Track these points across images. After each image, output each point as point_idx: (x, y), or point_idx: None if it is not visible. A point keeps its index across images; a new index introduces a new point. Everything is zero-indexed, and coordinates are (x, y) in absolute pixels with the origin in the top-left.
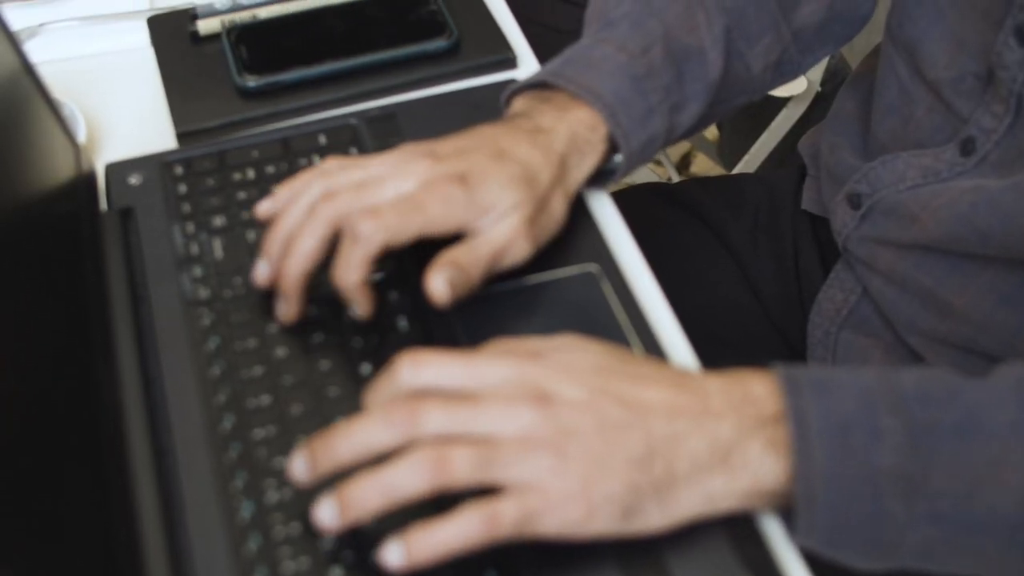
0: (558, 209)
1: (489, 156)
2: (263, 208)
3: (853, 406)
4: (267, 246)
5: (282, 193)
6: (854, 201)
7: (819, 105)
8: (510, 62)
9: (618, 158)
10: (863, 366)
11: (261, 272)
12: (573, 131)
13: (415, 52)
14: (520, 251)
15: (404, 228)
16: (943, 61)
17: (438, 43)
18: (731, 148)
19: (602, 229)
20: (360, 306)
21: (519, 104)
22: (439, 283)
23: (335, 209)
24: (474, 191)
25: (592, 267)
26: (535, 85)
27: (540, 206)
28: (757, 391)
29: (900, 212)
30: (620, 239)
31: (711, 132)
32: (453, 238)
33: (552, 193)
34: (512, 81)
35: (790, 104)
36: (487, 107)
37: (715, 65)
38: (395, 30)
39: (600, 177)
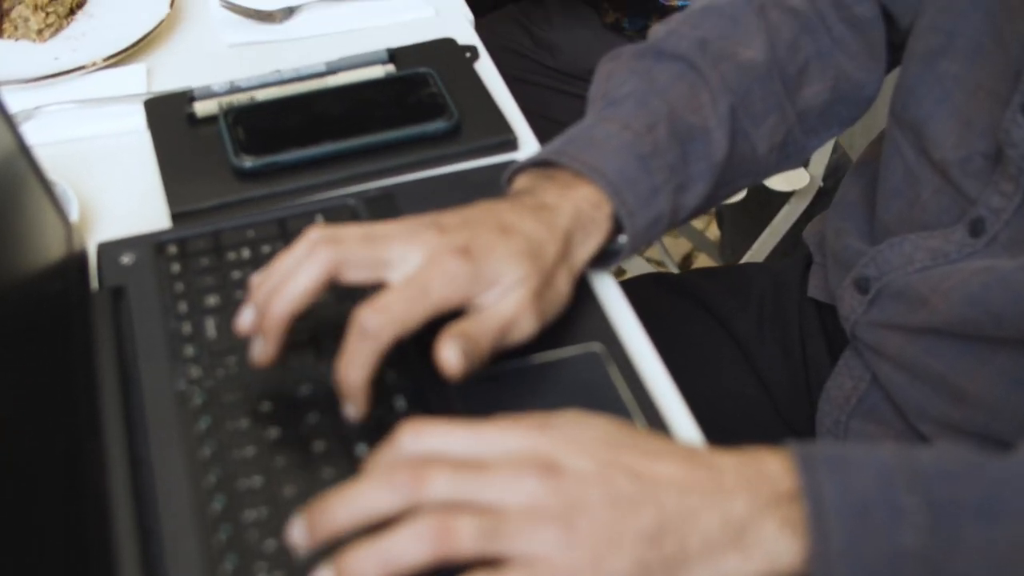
0: (563, 286)
1: (493, 229)
2: (257, 278)
3: (871, 483)
4: (255, 290)
5: (274, 263)
6: (862, 285)
7: (821, 200)
8: (511, 144)
9: (622, 238)
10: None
11: (245, 318)
12: (578, 208)
13: (415, 134)
14: (527, 326)
15: (412, 316)
16: (950, 141)
17: (438, 124)
18: (733, 247)
19: (606, 309)
20: (358, 407)
21: (522, 182)
22: (452, 353)
23: (337, 254)
24: (479, 264)
25: (596, 346)
26: (538, 163)
27: (546, 281)
28: (771, 468)
29: (909, 295)
30: (624, 319)
31: (712, 232)
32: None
33: (557, 269)
34: (513, 162)
35: (792, 199)
36: (488, 189)
37: (720, 145)
38: (395, 112)
39: (604, 258)
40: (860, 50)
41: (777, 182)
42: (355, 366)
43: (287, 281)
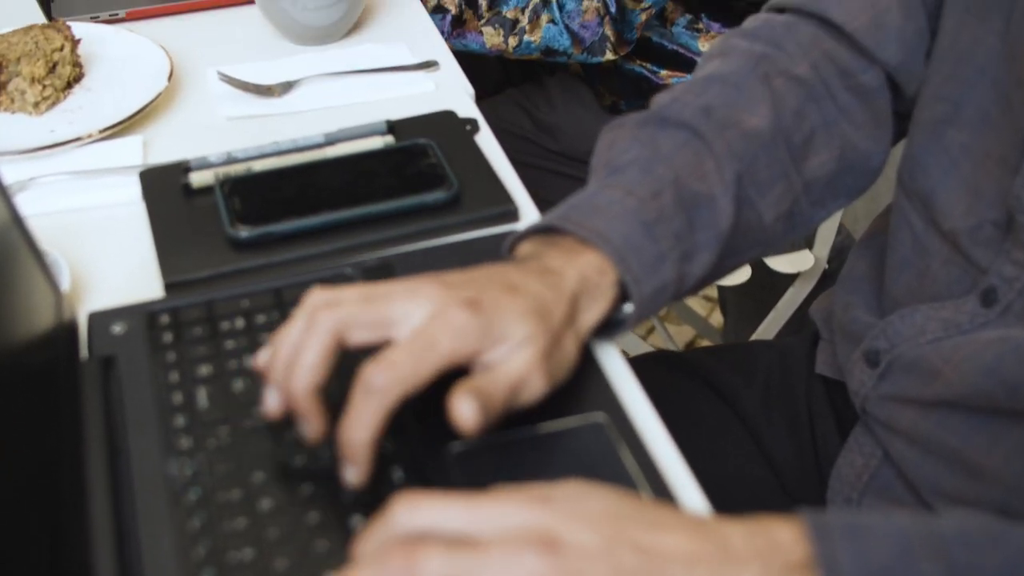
0: (571, 349)
1: (500, 287)
2: (262, 358)
3: (889, 551)
4: (271, 370)
5: (275, 336)
6: (872, 359)
7: (826, 283)
8: (512, 215)
9: (628, 307)
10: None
11: (271, 402)
12: (583, 274)
13: (414, 204)
14: (537, 386)
15: (420, 372)
16: (959, 210)
17: (437, 195)
18: (737, 332)
19: (609, 378)
20: (360, 470)
21: (525, 249)
22: (468, 408)
23: (339, 317)
24: (487, 317)
25: (600, 416)
26: (541, 230)
27: (554, 341)
28: (783, 537)
29: (921, 367)
30: (628, 389)
31: (716, 318)
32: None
33: (565, 332)
34: (515, 231)
35: (797, 282)
36: (488, 259)
37: (726, 213)
38: (394, 182)
39: (608, 328)
40: (866, 119)
41: (781, 264)
42: (360, 425)
43: (297, 355)
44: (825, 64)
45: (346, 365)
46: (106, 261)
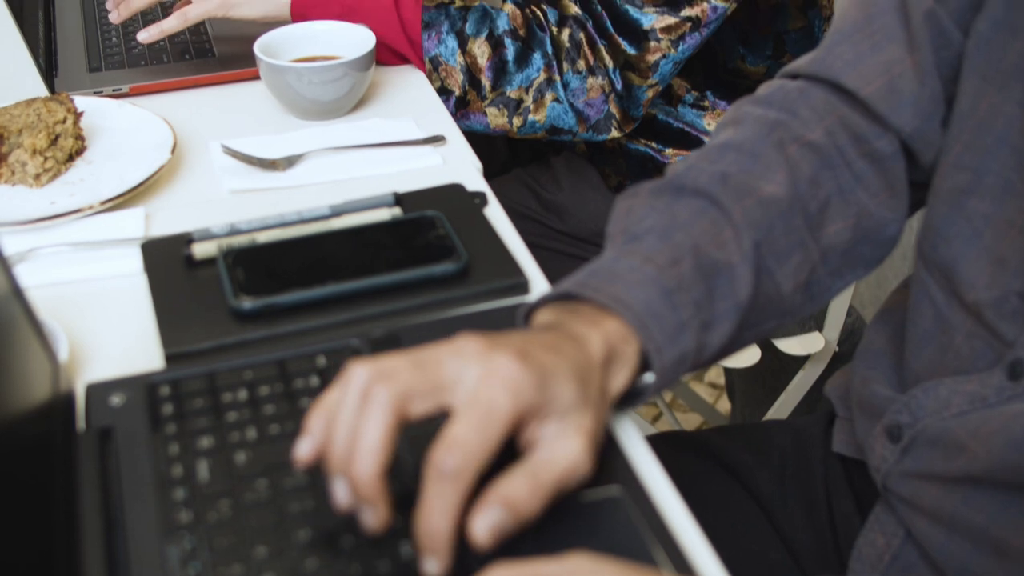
0: (605, 420)
1: (541, 346)
2: (304, 450)
3: None
4: (331, 458)
5: (317, 419)
6: (894, 433)
7: (837, 365)
8: (522, 287)
9: (648, 377)
10: None
11: (340, 494)
12: (609, 341)
13: (422, 275)
14: (583, 473)
15: (488, 444)
16: (982, 282)
17: (446, 266)
18: (745, 418)
19: (624, 449)
20: (441, 561)
21: (544, 317)
22: (483, 531)
23: (397, 391)
24: (539, 370)
25: (616, 490)
26: (558, 298)
27: (598, 418)
28: None
29: (946, 441)
30: (643, 462)
31: (723, 405)
32: None
33: (603, 404)
34: (527, 302)
35: (808, 364)
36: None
37: (745, 282)
38: (401, 253)
39: (628, 398)
40: (881, 187)
41: (791, 346)
42: (439, 514)
43: (359, 438)
44: (839, 130)
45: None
46: (106, 333)
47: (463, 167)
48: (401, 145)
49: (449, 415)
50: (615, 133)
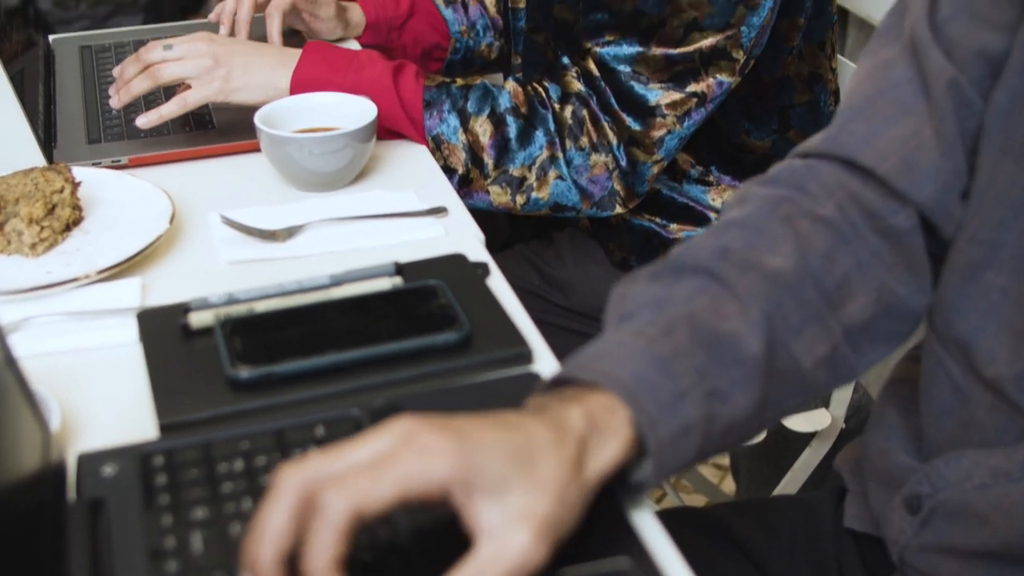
0: (575, 503)
1: (491, 424)
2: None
3: None
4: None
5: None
6: (913, 505)
7: (844, 442)
8: (525, 357)
9: (647, 468)
10: None
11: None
12: (589, 412)
13: (423, 345)
14: (535, 565)
15: (376, 492)
16: (1003, 356)
17: (448, 336)
18: (750, 497)
19: (633, 521)
20: None
21: (530, 406)
22: None
23: (298, 476)
24: (466, 446)
25: (625, 562)
26: (546, 388)
27: (559, 501)
28: None
29: (967, 513)
30: (652, 533)
31: (727, 485)
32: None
33: (570, 483)
34: (527, 375)
35: (814, 442)
36: (501, 402)
37: (754, 350)
38: (402, 322)
39: (632, 488)
40: (897, 263)
41: (797, 423)
42: (314, 552)
43: (259, 523)
44: (851, 205)
45: None
46: (99, 403)
47: (465, 238)
48: (403, 216)
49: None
50: (619, 210)
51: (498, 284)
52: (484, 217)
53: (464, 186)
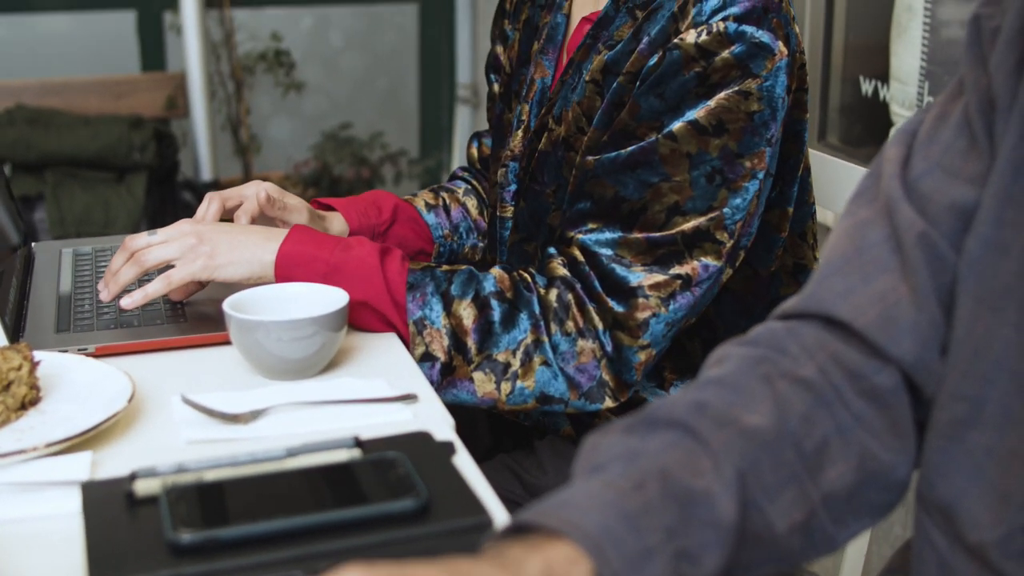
0: None
1: (440, 570)
2: None
3: None
4: None
5: None
6: None
7: None
8: (485, 526)
9: None
10: None
11: None
12: (548, 564)
13: (377, 512)
14: None
15: None
16: (986, 520)
17: (404, 503)
18: None
19: None
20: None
21: (489, 550)
22: None
23: None
24: None
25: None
26: (507, 533)
27: None
28: None
29: None
30: None
31: None
32: None
33: None
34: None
35: None
36: None
37: (727, 511)
38: (357, 490)
39: None
40: (883, 427)
41: None
42: None
43: None
44: (833, 368)
45: None
46: (35, 573)
47: (434, 423)
48: (371, 402)
49: None
50: (609, 402)
51: (464, 462)
52: (465, 427)
53: (447, 375)
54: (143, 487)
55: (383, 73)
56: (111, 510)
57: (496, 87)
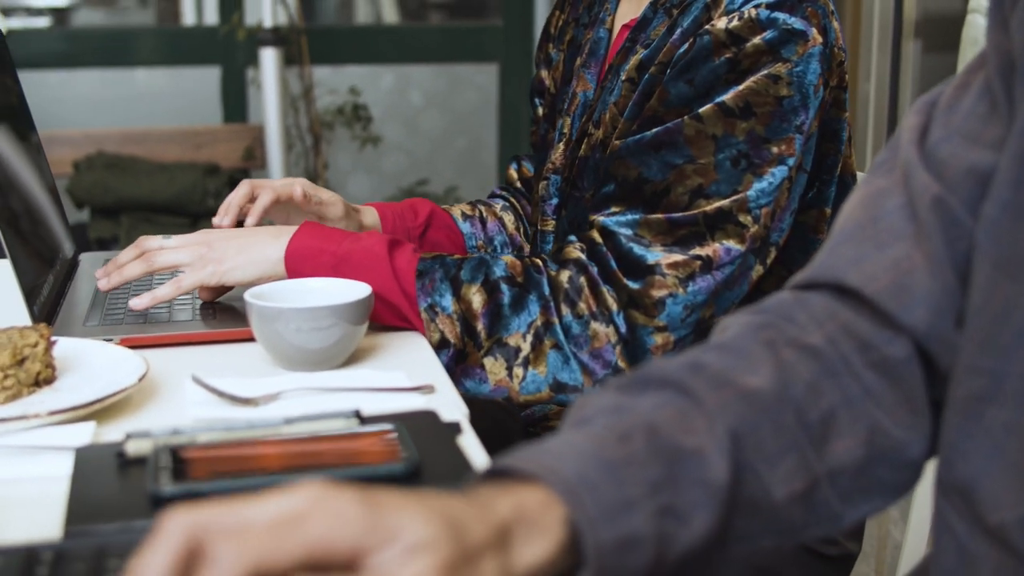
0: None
1: (411, 498)
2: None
3: None
4: None
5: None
6: None
7: None
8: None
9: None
10: None
11: None
12: (520, 503)
13: (364, 474)
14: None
15: (278, 549)
16: (1008, 500)
17: (392, 467)
18: None
19: None
20: None
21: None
22: None
23: (192, 521)
24: (379, 512)
25: None
26: (487, 477)
27: (465, 557)
28: None
29: None
30: None
31: None
32: None
33: (484, 554)
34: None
35: None
36: None
37: (719, 470)
38: (345, 454)
39: None
40: (896, 401)
41: None
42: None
43: (136, 566)
44: (842, 338)
45: None
46: (16, 532)
47: (447, 411)
48: (387, 391)
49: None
50: None
51: (471, 444)
52: (501, 436)
53: (459, 362)
54: (134, 447)
55: (462, 132)
56: (101, 467)
57: (540, 110)
